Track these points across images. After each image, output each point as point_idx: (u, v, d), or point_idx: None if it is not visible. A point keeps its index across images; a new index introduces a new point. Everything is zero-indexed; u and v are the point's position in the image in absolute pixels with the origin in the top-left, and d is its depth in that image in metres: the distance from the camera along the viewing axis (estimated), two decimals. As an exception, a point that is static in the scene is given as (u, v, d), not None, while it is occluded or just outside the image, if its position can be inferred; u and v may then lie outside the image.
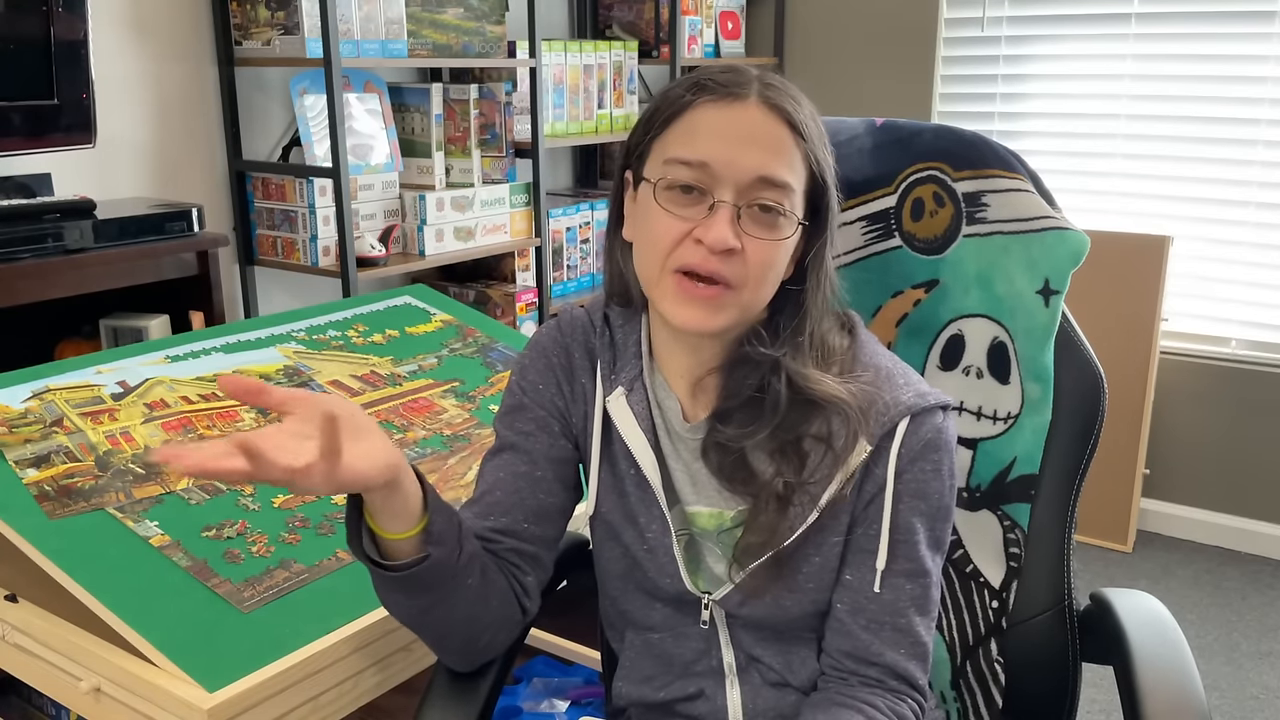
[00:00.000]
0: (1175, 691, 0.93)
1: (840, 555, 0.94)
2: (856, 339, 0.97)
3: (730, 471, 0.94)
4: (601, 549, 1.03)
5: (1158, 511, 2.97)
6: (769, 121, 0.88)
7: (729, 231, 0.85)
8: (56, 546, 1.02)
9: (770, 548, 0.91)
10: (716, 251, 0.86)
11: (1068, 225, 1.06)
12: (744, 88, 0.88)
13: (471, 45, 2.42)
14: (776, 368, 0.91)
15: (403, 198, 2.39)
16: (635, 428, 0.96)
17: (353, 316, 1.64)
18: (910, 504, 0.92)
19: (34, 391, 1.26)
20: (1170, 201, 2.87)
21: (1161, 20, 2.80)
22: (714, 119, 0.88)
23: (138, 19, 2.08)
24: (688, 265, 0.87)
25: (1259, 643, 2.42)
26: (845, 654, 0.94)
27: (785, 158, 0.88)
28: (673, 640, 1.01)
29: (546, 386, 1.01)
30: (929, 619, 0.94)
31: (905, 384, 0.93)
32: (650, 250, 0.90)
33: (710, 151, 0.86)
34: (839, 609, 0.94)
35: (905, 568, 0.93)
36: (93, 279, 1.74)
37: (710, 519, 0.97)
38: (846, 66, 3.23)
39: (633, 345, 0.99)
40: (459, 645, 0.94)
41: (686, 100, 0.89)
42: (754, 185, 0.87)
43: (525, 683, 1.70)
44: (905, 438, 0.91)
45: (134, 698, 0.95)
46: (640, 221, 0.92)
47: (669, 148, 0.89)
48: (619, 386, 0.98)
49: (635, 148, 0.94)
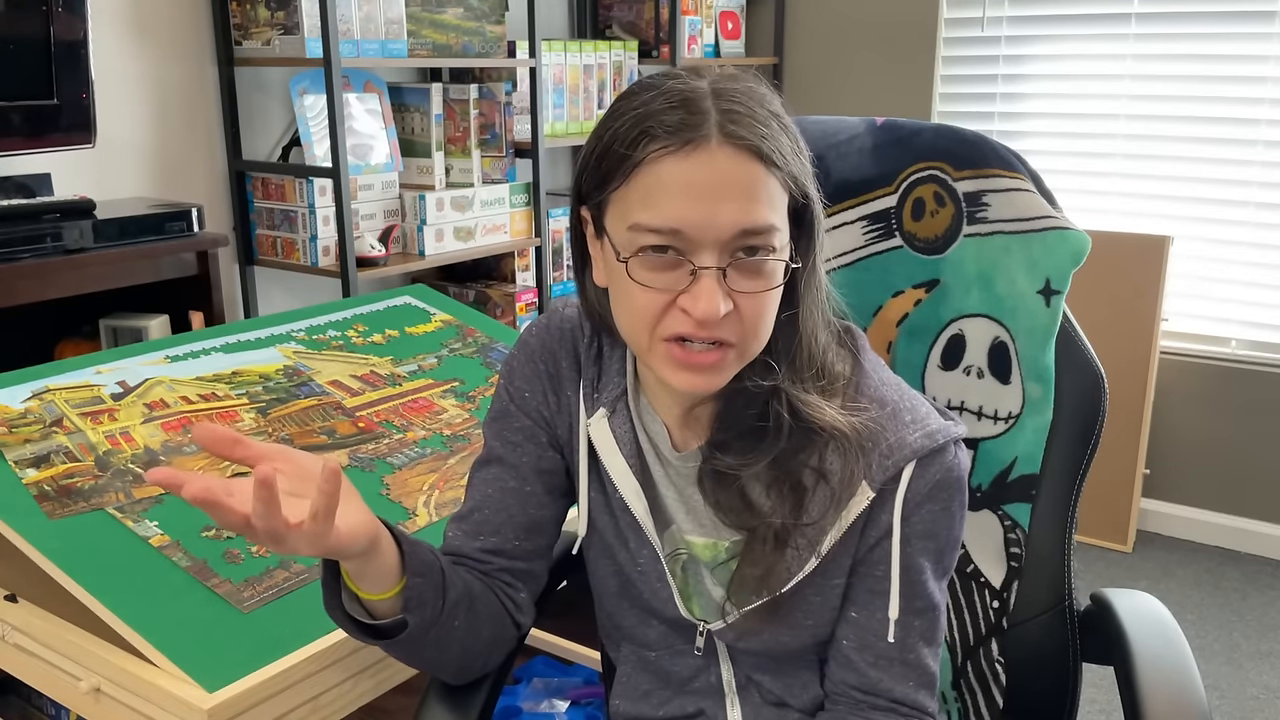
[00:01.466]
0: (1176, 692, 0.93)
1: (841, 594, 0.91)
2: (860, 366, 0.90)
3: (727, 504, 0.88)
4: (596, 566, 1.00)
5: (1158, 511, 2.97)
6: (738, 164, 0.77)
7: (718, 299, 0.77)
8: (56, 546, 1.02)
9: (768, 590, 0.87)
10: (708, 324, 0.78)
11: (1069, 225, 1.06)
12: (700, 129, 0.77)
13: (471, 45, 2.42)
14: (777, 393, 0.86)
15: (403, 198, 2.39)
16: (616, 454, 0.91)
17: (352, 316, 1.64)
18: (919, 545, 0.88)
19: (34, 391, 1.26)
20: (1170, 201, 2.87)
21: (1161, 20, 2.80)
22: (676, 175, 0.77)
23: (138, 19, 2.08)
24: (680, 335, 0.80)
25: (1259, 643, 2.42)
26: (852, 687, 0.91)
27: (764, 199, 0.78)
28: (670, 658, 0.99)
29: (534, 394, 0.96)
30: (936, 647, 0.92)
31: (912, 421, 0.87)
32: (633, 321, 0.82)
33: (679, 215, 0.76)
34: (845, 645, 0.91)
35: (914, 606, 0.89)
36: (92, 279, 1.74)
37: (705, 549, 0.93)
38: (846, 66, 3.23)
39: (617, 362, 0.93)
40: (453, 673, 0.93)
41: (640, 156, 0.78)
42: (735, 238, 0.78)
43: (525, 683, 1.70)
44: (912, 482, 0.86)
45: (134, 698, 0.95)
46: (615, 285, 0.84)
47: (631, 210, 0.79)
48: (600, 408, 0.92)
49: (587, 193, 0.84)
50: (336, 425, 1.33)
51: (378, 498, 1.21)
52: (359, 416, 1.36)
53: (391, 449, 1.31)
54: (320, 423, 1.33)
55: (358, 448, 1.29)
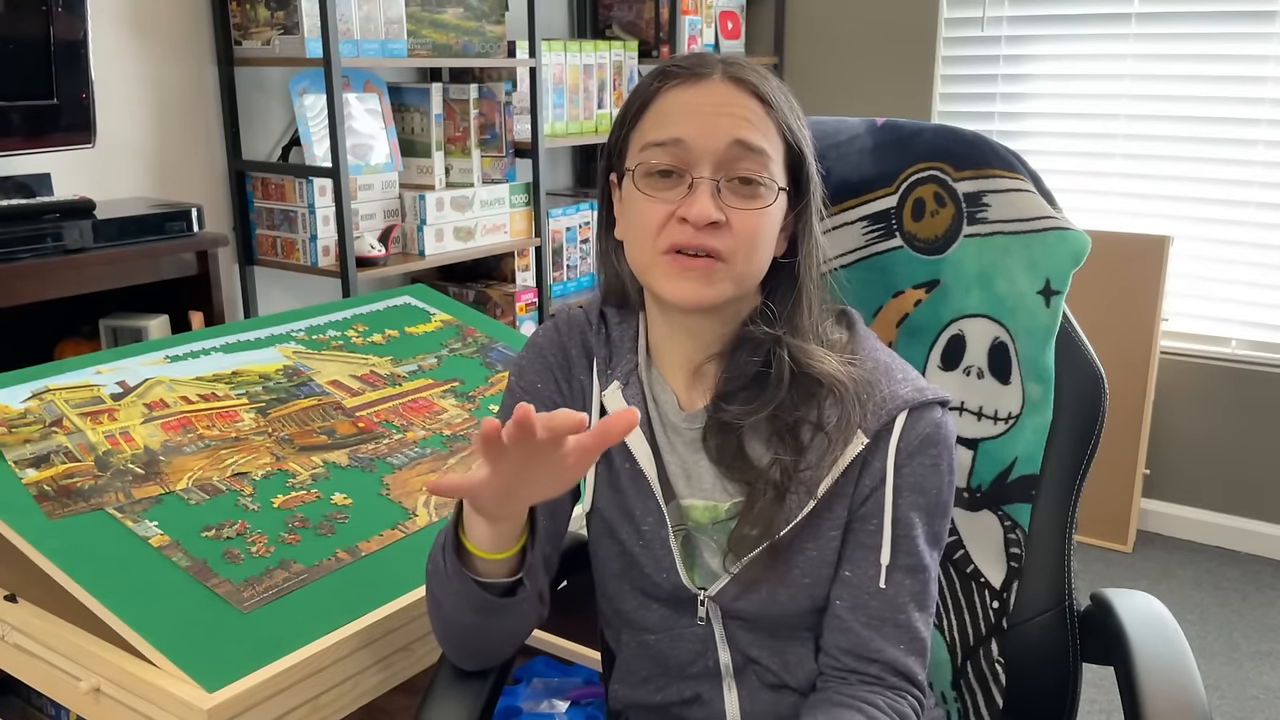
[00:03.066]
0: (1176, 692, 0.93)
1: (836, 550, 0.94)
2: (855, 334, 0.98)
3: (730, 458, 0.94)
4: (598, 546, 1.04)
5: (1158, 511, 2.97)
6: (737, 94, 0.90)
7: (710, 205, 0.87)
8: (56, 546, 1.02)
9: (766, 538, 0.92)
10: (701, 226, 0.87)
11: (1069, 225, 1.06)
12: (708, 68, 0.91)
13: (471, 45, 2.42)
14: (779, 344, 0.93)
15: (402, 198, 2.39)
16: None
17: (352, 316, 1.64)
18: (909, 498, 0.92)
19: (33, 391, 1.26)
20: (1170, 201, 2.87)
21: (1161, 20, 2.80)
22: (682, 99, 0.90)
23: (138, 19, 2.08)
24: (676, 244, 0.89)
25: (1259, 643, 2.42)
26: (844, 650, 0.94)
27: (758, 126, 0.90)
28: (669, 642, 1.01)
29: (545, 385, 1.02)
30: (928, 615, 0.95)
31: (904, 378, 0.94)
32: (639, 237, 0.92)
33: (682, 128, 0.88)
34: (838, 605, 0.94)
35: (905, 563, 0.93)
36: (92, 279, 1.74)
37: (705, 512, 0.97)
38: (846, 66, 3.23)
39: (628, 340, 1.00)
40: (481, 656, 0.96)
41: (654, 88, 0.92)
42: (730, 156, 0.88)
43: (525, 683, 1.70)
44: (904, 431, 0.92)
45: (134, 698, 0.95)
46: (627, 214, 0.94)
47: (644, 135, 0.91)
48: (615, 380, 0.99)
49: (614, 147, 0.96)
50: (336, 425, 1.33)
51: (377, 498, 1.21)
52: (359, 416, 1.36)
53: (391, 449, 1.31)
54: (320, 423, 1.33)
55: (358, 448, 1.29)
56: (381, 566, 1.10)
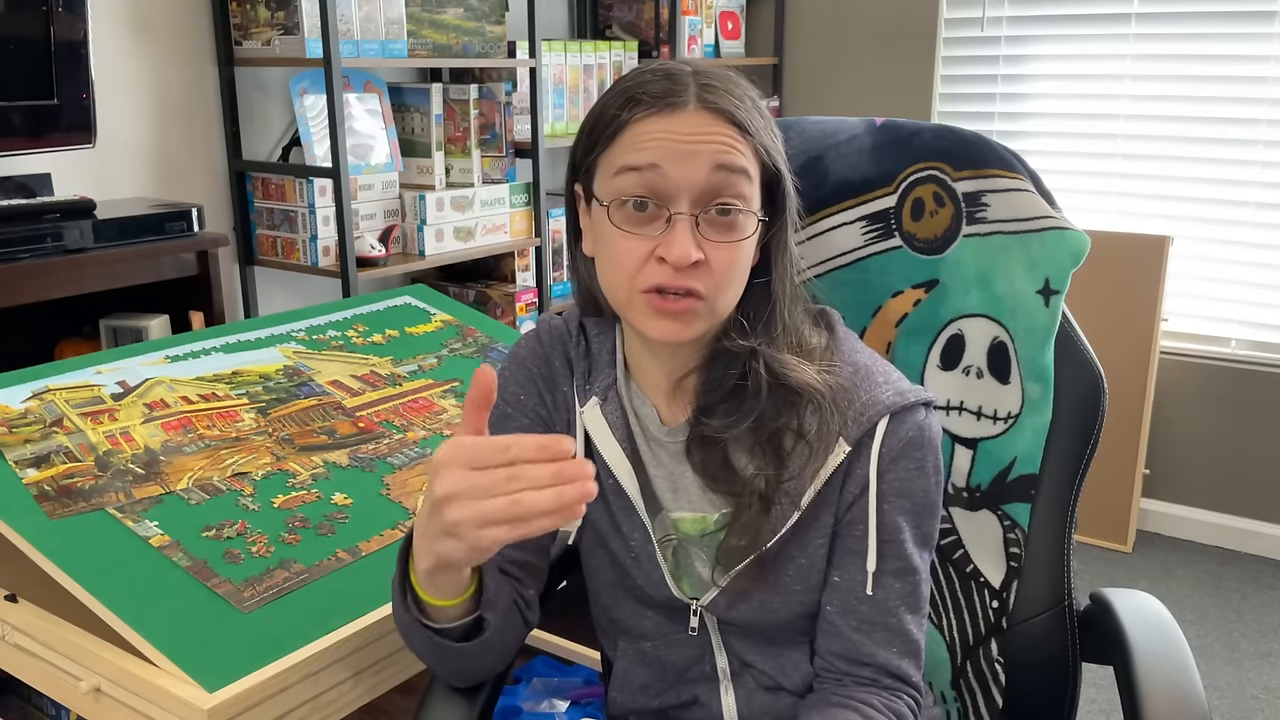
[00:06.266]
0: (1175, 691, 0.93)
1: (825, 556, 0.94)
2: (835, 336, 0.96)
3: (714, 470, 0.93)
4: (590, 557, 1.03)
5: (1158, 511, 2.97)
6: (713, 124, 0.85)
7: (690, 245, 0.84)
8: (56, 546, 1.02)
9: (753, 549, 0.91)
10: (682, 268, 0.84)
11: (1068, 225, 1.06)
12: (680, 95, 0.86)
13: (471, 45, 2.42)
14: (755, 356, 0.91)
15: (403, 198, 2.39)
16: (610, 437, 0.96)
17: (353, 316, 1.64)
18: (895, 503, 0.91)
19: (34, 391, 1.26)
20: (1170, 201, 2.88)
21: (1161, 20, 2.80)
22: (657, 127, 0.85)
23: (138, 19, 2.08)
24: (656, 285, 0.86)
25: (1259, 643, 2.42)
26: (837, 655, 0.94)
27: (736, 152, 0.86)
28: (665, 647, 1.01)
29: (528, 396, 1.01)
30: (920, 616, 0.94)
31: (885, 382, 0.92)
32: (616, 275, 0.88)
33: (658, 155, 0.84)
34: (829, 611, 0.94)
35: (893, 567, 0.92)
36: (92, 279, 1.74)
37: (694, 524, 0.97)
38: (846, 66, 3.23)
39: (606, 354, 0.99)
40: (469, 678, 0.95)
41: (624, 119, 0.87)
42: (710, 185, 0.85)
43: (525, 683, 1.70)
44: (886, 437, 0.90)
45: (134, 698, 0.95)
46: (599, 241, 0.91)
47: (616, 159, 0.87)
48: (593, 396, 0.97)
49: (580, 164, 0.93)
50: (336, 425, 1.33)
51: (378, 498, 1.21)
52: (359, 416, 1.36)
53: (391, 449, 1.31)
54: (320, 423, 1.33)
55: (358, 448, 1.29)
56: (382, 566, 1.10)
